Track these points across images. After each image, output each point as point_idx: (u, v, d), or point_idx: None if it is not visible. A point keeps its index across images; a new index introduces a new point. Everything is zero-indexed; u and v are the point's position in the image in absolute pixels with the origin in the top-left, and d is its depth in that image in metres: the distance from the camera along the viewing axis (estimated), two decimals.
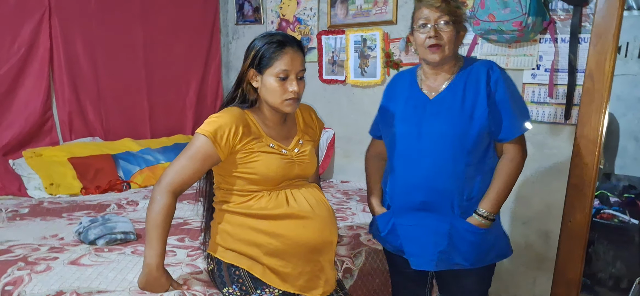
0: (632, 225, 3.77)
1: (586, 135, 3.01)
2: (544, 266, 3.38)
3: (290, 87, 1.95)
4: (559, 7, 3.11)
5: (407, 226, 2.29)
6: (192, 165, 1.92)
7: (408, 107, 2.27)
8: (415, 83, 2.30)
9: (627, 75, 5.05)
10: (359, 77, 4.23)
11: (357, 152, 4.27)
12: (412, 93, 2.29)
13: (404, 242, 2.32)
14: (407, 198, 2.26)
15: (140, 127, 4.73)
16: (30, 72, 4.02)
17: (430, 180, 2.19)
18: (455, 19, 2.13)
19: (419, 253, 2.28)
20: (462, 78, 2.21)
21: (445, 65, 2.22)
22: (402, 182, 2.28)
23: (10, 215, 3.11)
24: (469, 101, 2.17)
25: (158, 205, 1.90)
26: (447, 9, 2.11)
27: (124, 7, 4.49)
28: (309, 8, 4.52)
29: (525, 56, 3.27)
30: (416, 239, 2.28)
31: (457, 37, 2.17)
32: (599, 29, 2.90)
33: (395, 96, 2.37)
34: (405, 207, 2.28)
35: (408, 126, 2.24)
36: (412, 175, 2.23)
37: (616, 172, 5.18)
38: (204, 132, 1.90)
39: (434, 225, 2.22)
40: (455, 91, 2.20)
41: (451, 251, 2.24)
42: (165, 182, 1.92)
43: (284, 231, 1.98)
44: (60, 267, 2.28)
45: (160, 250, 1.93)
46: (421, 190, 2.21)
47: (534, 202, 3.38)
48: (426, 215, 2.23)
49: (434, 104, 2.22)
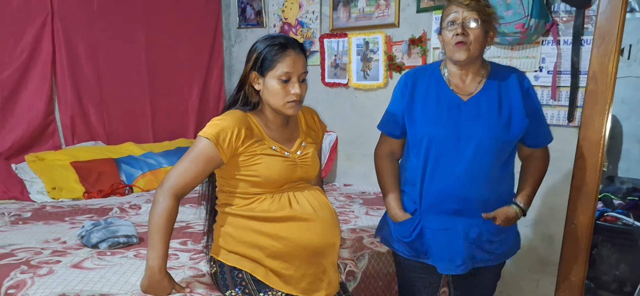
0: (636, 228, 3.75)
1: (590, 138, 3.00)
2: (548, 269, 3.37)
3: (292, 90, 1.94)
4: (562, 9, 3.11)
5: (437, 230, 2.25)
6: (195, 168, 1.92)
7: (441, 108, 2.21)
8: (442, 82, 2.25)
9: (630, 77, 5.04)
10: (361, 80, 4.23)
11: (360, 155, 4.27)
12: (442, 92, 2.24)
13: (432, 247, 2.28)
14: (440, 202, 2.22)
15: (143, 130, 4.74)
16: (33, 76, 4.03)
17: (467, 185, 2.17)
18: (484, 19, 2.10)
19: (449, 258, 2.25)
20: (495, 83, 2.20)
21: (472, 66, 2.19)
22: (436, 185, 2.22)
23: (13, 219, 3.11)
24: (505, 108, 2.17)
25: (160, 208, 1.90)
26: (476, 8, 2.09)
27: (127, 11, 4.50)
28: (311, 11, 4.52)
29: (527, 58, 3.26)
30: (446, 244, 2.24)
31: (485, 38, 2.14)
32: (602, 30, 2.90)
33: (420, 94, 2.28)
34: (436, 212, 2.24)
35: (445, 129, 2.18)
36: (448, 179, 2.19)
37: (620, 174, 5.16)
38: (206, 134, 1.90)
39: (464, 230, 2.21)
40: (490, 96, 2.18)
41: (476, 252, 2.25)
42: (167, 184, 1.91)
43: (286, 234, 1.97)
44: (62, 270, 2.28)
45: (163, 252, 1.92)
46: (456, 194, 2.18)
47: (537, 205, 3.37)
48: (457, 220, 2.21)
49: (469, 107, 2.19)
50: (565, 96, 3.14)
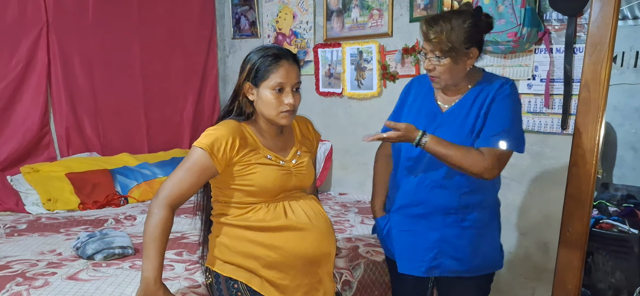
0: (632, 234, 3.75)
1: (583, 145, 3.01)
2: (543, 276, 3.38)
3: (286, 99, 1.95)
4: (554, 18, 3.13)
5: (400, 231, 2.34)
6: (189, 178, 1.92)
7: (420, 117, 2.28)
8: (430, 92, 2.32)
9: (623, 84, 5.06)
10: (355, 89, 4.24)
11: (355, 164, 4.28)
12: (426, 102, 2.31)
13: (395, 247, 2.37)
14: (404, 204, 2.31)
15: (138, 141, 4.74)
16: (28, 88, 4.03)
17: (427, 190, 2.22)
18: (448, 54, 2.10)
19: (408, 258, 2.32)
20: (473, 94, 2.21)
21: (453, 86, 2.23)
22: (402, 189, 2.31)
23: (8, 231, 3.11)
24: (472, 116, 2.18)
25: (155, 219, 1.89)
26: (438, 45, 2.10)
27: (121, 23, 4.51)
28: (305, 21, 4.54)
29: (520, 67, 3.28)
30: (406, 245, 2.32)
31: (455, 67, 2.14)
32: (594, 38, 2.91)
33: (410, 102, 2.38)
34: (400, 213, 2.33)
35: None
36: (410, 184, 2.27)
37: (614, 181, 5.17)
38: (201, 144, 1.90)
39: (424, 233, 2.26)
40: (463, 105, 2.21)
41: (442, 258, 2.26)
42: (162, 195, 1.91)
43: (282, 244, 1.97)
44: (58, 282, 2.28)
45: (158, 263, 1.91)
46: (417, 199, 2.25)
47: (532, 213, 3.38)
48: (419, 222, 2.27)
49: (444, 117, 2.24)
50: (559, 104, 3.16)
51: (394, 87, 3.97)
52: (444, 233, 2.24)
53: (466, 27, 2.11)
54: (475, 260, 2.28)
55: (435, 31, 2.10)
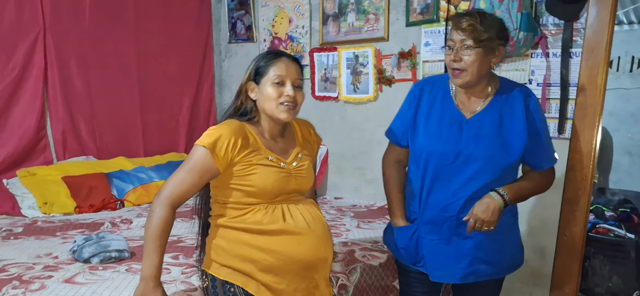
0: (628, 239, 3.76)
1: (580, 149, 3.02)
2: (540, 281, 3.38)
3: (286, 91, 1.96)
4: (550, 22, 3.14)
5: (432, 240, 2.27)
6: (191, 178, 1.92)
7: (443, 124, 2.23)
8: (448, 97, 2.27)
9: (619, 89, 5.09)
10: (351, 93, 4.25)
11: (350, 168, 4.28)
12: (447, 108, 2.25)
13: (426, 256, 2.30)
14: (436, 215, 2.24)
15: (134, 145, 4.73)
16: (25, 91, 4.02)
17: (462, 202, 2.18)
18: (481, 43, 2.09)
19: (442, 268, 2.27)
20: (500, 102, 2.20)
21: (475, 87, 2.20)
22: (433, 200, 2.25)
23: (4, 234, 3.10)
24: (507, 129, 2.17)
25: (157, 217, 1.89)
26: (472, 33, 2.08)
27: (118, 27, 4.51)
28: (301, 26, 4.54)
29: (517, 71, 3.29)
30: (439, 255, 2.26)
31: (484, 61, 2.12)
32: (590, 43, 2.92)
33: (426, 106, 2.30)
34: (432, 223, 2.26)
35: (444, 145, 2.20)
36: (444, 195, 2.21)
37: (610, 186, 5.19)
38: (203, 143, 1.90)
39: (459, 242, 2.23)
40: (492, 115, 2.19)
41: (477, 264, 2.24)
42: (164, 194, 1.91)
43: (278, 247, 1.97)
44: (54, 286, 2.27)
45: (158, 262, 1.91)
46: (452, 210, 2.20)
47: (529, 218, 3.38)
48: (452, 231, 2.22)
49: (471, 125, 2.20)
50: (555, 108, 3.16)
51: (390, 92, 3.97)
52: (478, 240, 2.21)
53: (499, 22, 2.16)
54: (505, 262, 2.30)
55: (468, 20, 2.10)
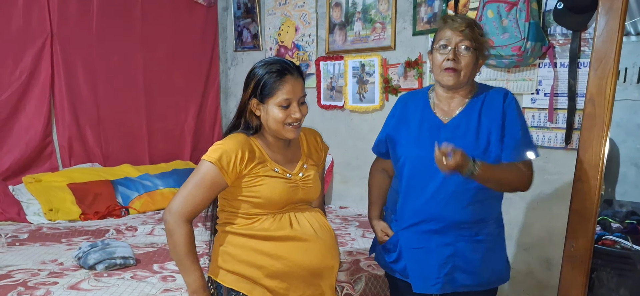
0: (635, 251, 3.73)
1: (588, 161, 2.99)
2: (546, 293, 3.36)
3: (293, 114, 1.96)
4: (558, 32, 3.13)
5: (412, 249, 2.26)
6: (201, 193, 1.92)
7: (422, 131, 2.24)
8: (428, 106, 2.28)
9: (626, 100, 5.05)
10: (357, 102, 4.24)
11: (356, 177, 4.27)
12: (425, 116, 2.26)
13: (408, 266, 2.29)
14: (414, 221, 2.24)
15: (139, 152, 4.74)
16: (32, 98, 4.05)
17: (439, 205, 2.17)
18: (476, 46, 2.12)
19: (423, 277, 2.25)
20: (477, 104, 2.20)
21: (460, 90, 2.21)
22: (410, 205, 2.25)
23: (9, 241, 3.11)
24: (484, 129, 2.16)
25: (179, 237, 1.91)
26: (471, 35, 2.11)
27: (125, 34, 4.53)
28: (307, 34, 4.54)
29: (524, 81, 3.28)
30: (420, 263, 2.25)
31: (476, 64, 2.16)
32: (599, 53, 2.91)
33: (407, 117, 2.32)
34: (411, 230, 2.26)
35: (421, 150, 2.20)
36: (420, 199, 2.21)
37: (617, 198, 5.16)
38: (210, 158, 1.90)
39: (438, 249, 2.20)
40: (470, 117, 2.19)
41: (455, 272, 2.21)
42: (177, 213, 1.91)
43: (286, 254, 1.97)
44: (59, 292, 2.27)
45: (199, 273, 1.95)
46: (429, 214, 2.19)
47: (535, 228, 3.36)
48: (431, 238, 2.21)
49: (448, 129, 2.20)
50: (563, 118, 3.15)
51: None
52: (457, 248, 2.19)
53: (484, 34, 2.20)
54: (485, 274, 2.25)
55: (467, 21, 2.13)
